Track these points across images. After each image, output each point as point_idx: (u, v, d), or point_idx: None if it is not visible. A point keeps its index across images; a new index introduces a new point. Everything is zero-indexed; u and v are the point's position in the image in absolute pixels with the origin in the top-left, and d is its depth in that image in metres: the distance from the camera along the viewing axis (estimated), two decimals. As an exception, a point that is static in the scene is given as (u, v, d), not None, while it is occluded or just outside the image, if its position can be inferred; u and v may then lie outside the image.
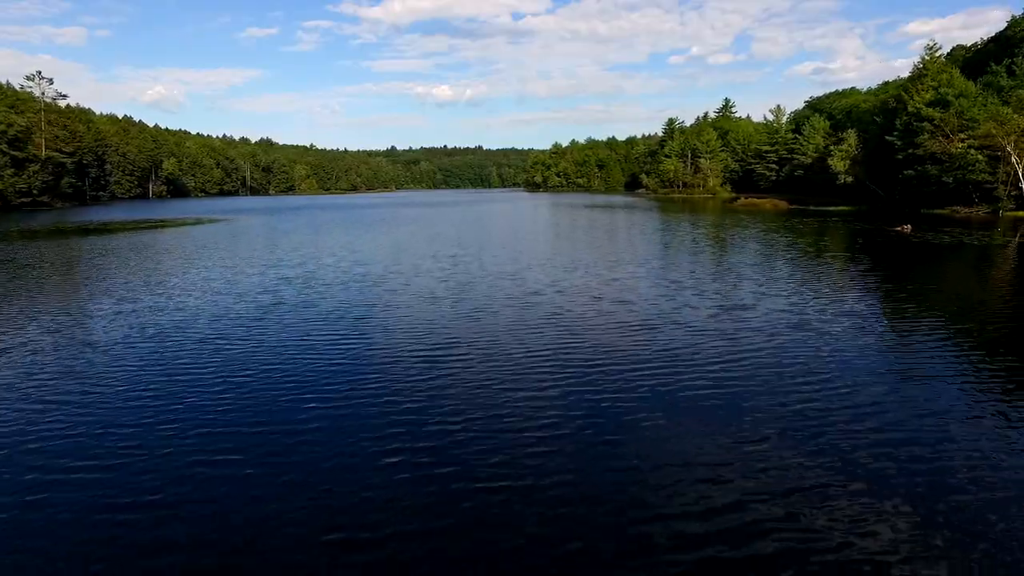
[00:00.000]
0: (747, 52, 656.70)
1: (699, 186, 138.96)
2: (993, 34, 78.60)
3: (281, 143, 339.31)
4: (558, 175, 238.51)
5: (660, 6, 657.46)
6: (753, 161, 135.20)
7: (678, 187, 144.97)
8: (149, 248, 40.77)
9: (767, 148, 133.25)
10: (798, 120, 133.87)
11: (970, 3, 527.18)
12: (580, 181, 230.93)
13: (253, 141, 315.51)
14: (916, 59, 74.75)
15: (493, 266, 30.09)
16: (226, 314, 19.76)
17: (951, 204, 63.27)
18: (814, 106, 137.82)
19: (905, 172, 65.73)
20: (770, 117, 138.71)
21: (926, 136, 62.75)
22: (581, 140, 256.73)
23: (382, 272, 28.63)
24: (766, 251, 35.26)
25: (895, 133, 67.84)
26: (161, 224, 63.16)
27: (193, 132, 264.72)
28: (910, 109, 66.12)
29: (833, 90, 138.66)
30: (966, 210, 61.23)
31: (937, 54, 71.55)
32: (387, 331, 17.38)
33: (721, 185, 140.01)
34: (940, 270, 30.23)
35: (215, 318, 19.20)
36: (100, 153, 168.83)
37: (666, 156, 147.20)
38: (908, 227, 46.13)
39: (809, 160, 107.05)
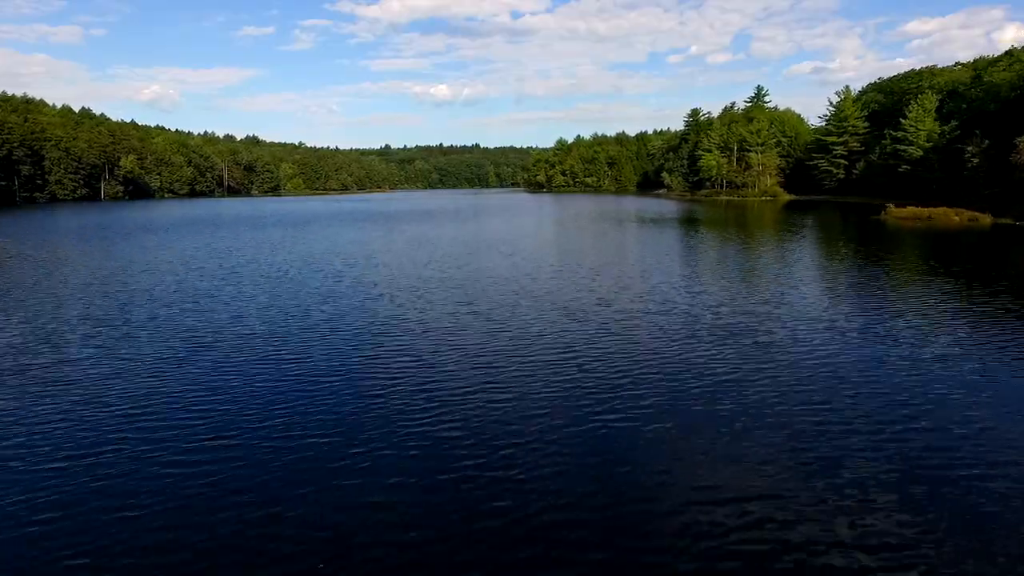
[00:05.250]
0: (746, 51, 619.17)
1: (749, 186, 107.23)
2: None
3: (270, 141, 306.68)
4: (563, 174, 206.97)
5: (659, 5, 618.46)
6: (816, 156, 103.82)
7: (719, 187, 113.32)
8: None
9: (833, 140, 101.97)
10: (867, 106, 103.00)
11: (970, 3, 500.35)
12: (589, 180, 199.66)
13: (239, 139, 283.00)
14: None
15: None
16: None
17: None
18: (884, 88, 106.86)
19: None
20: (831, 101, 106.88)
21: None
22: (584, 138, 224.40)
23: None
24: None
25: None
26: None
27: (191, 132, 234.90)
28: None
29: (910, 69, 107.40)
30: None
31: None
32: None
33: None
34: None
35: None
36: (36, 148, 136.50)
37: (705, 150, 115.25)
38: None
39: (920, 152, 75.54)
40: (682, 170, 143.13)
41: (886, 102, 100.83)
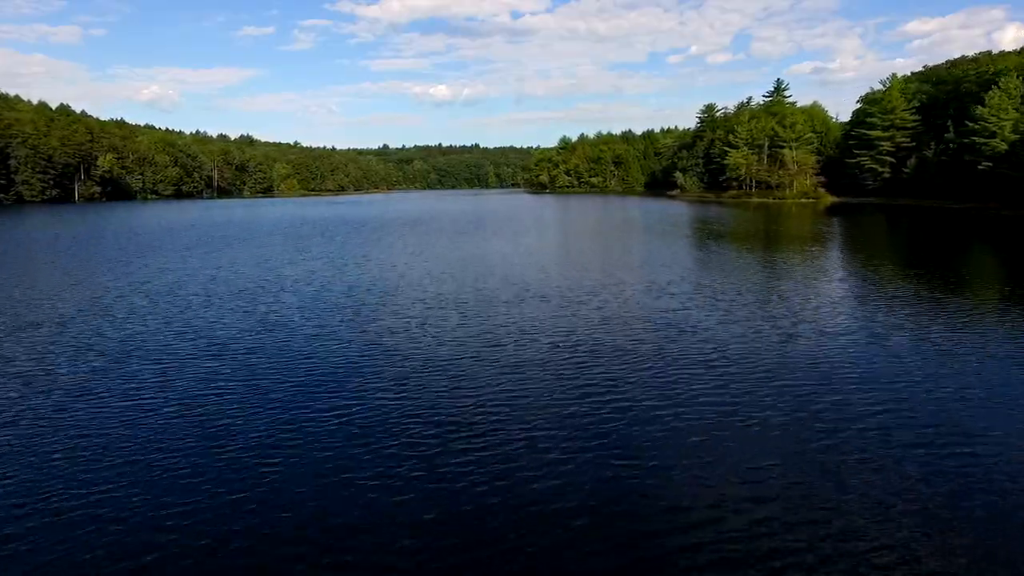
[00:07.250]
0: (746, 51, 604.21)
1: (784, 186, 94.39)
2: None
3: (267, 141, 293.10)
4: (568, 173, 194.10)
5: (659, 5, 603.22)
6: (858, 152, 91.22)
7: (747, 188, 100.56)
8: None
9: (878, 134, 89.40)
10: (914, 97, 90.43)
11: (970, 3, 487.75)
12: (594, 181, 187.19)
13: (234, 138, 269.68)
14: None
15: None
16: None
17: None
18: (931, 77, 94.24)
19: None
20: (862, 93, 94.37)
21: None
22: (588, 136, 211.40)
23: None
24: None
25: None
26: None
27: (185, 131, 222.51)
28: None
29: (960, 56, 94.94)
30: None
31: None
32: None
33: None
34: None
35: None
36: (1, 146, 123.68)
37: (730, 147, 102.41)
38: None
39: (1004, 146, 63.05)
40: (697, 170, 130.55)
41: (937, 93, 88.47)
